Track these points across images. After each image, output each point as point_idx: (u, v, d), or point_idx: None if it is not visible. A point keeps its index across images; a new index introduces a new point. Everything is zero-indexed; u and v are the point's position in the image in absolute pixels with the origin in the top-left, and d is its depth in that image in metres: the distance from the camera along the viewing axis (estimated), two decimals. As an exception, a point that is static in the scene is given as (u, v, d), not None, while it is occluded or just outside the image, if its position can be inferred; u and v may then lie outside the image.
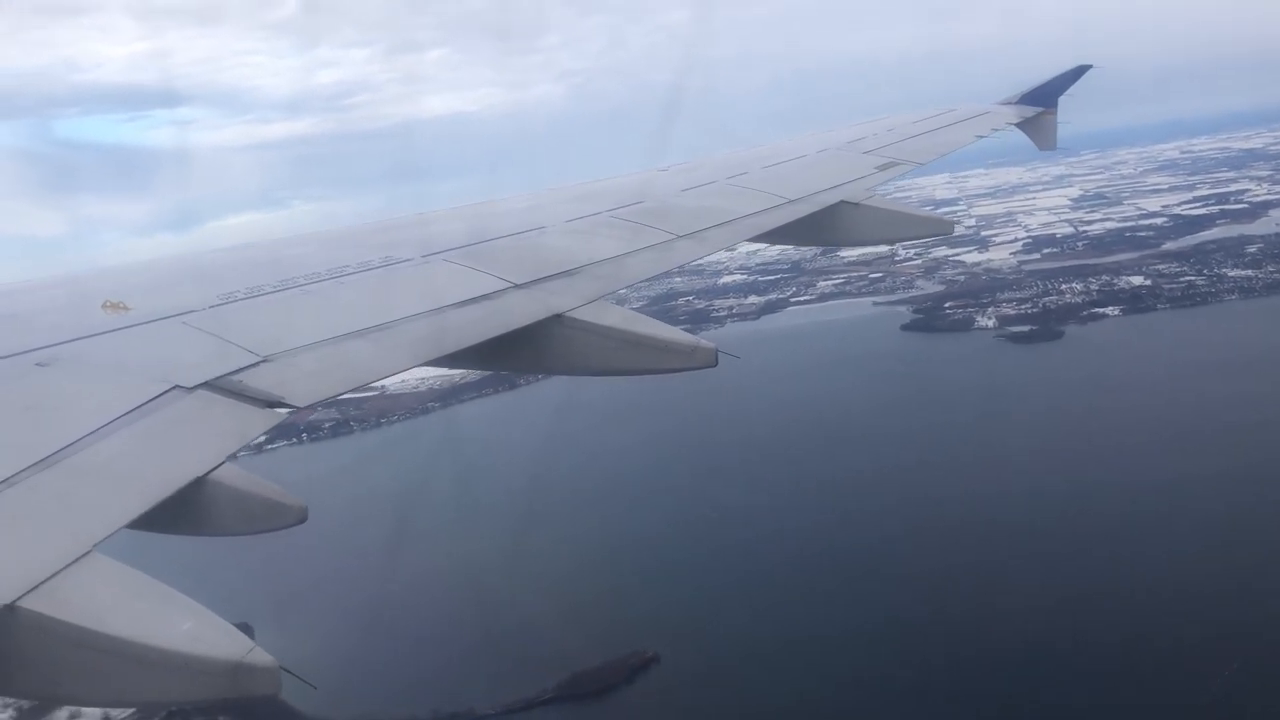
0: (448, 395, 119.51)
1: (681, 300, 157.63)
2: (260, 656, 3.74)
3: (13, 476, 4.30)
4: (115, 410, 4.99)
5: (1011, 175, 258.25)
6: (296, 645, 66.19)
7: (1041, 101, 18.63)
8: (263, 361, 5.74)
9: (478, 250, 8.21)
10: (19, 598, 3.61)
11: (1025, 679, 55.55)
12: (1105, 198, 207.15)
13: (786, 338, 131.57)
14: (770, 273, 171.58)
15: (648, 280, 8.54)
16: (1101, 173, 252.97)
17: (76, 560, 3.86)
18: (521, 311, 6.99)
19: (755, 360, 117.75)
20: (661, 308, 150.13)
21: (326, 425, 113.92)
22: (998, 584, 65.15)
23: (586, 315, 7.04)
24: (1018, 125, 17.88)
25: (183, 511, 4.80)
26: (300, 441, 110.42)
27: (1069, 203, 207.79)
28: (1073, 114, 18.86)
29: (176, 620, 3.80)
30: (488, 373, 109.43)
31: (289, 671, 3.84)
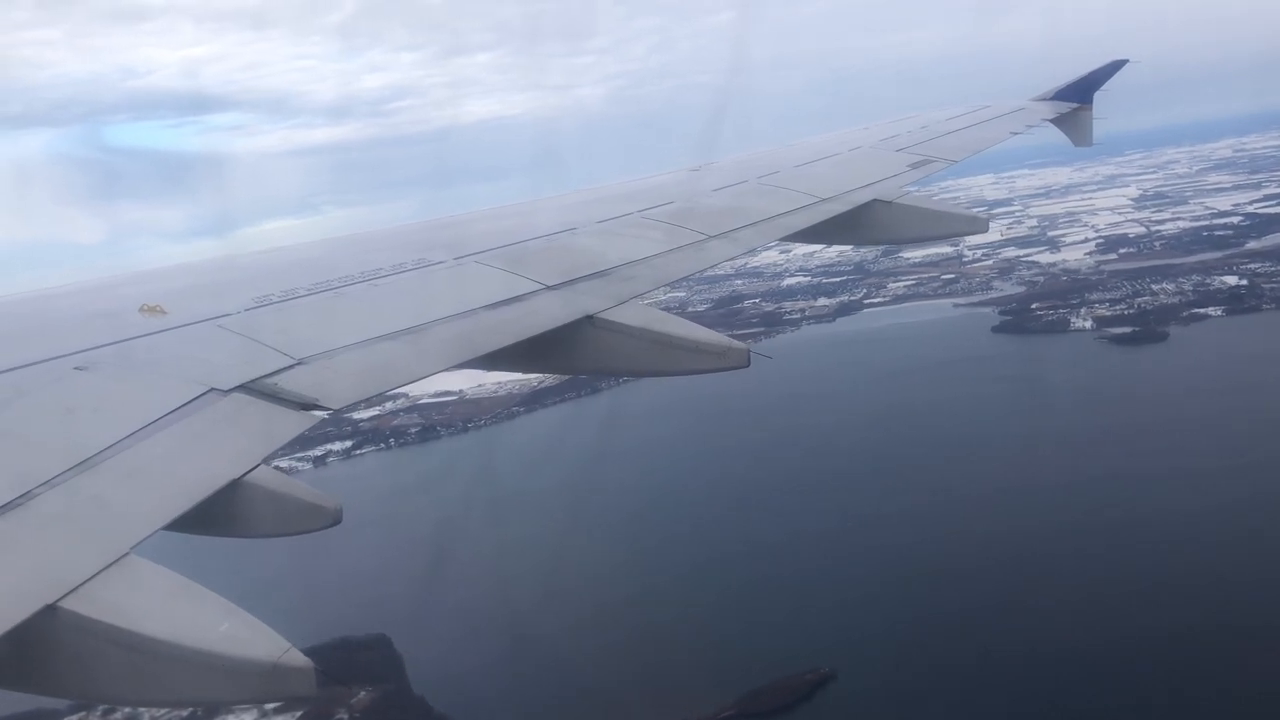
0: (530, 400, 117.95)
1: (748, 303, 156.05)
2: (295, 658, 3.77)
3: (53, 479, 4.35)
4: (153, 413, 5.05)
5: (1059, 175, 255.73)
6: (450, 658, 65.74)
7: (1077, 97, 18.37)
8: (297, 364, 5.77)
9: (509, 252, 8.23)
10: (59, 599, 3.66)
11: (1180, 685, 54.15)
12: (1167, 197, 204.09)
13: (874, 341, 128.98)
14: (833, 274, 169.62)
15: (679, 280, 8.52)
16: (1154, 172, 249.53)
17: (115, 562, 3.91)
18: (553, 313, 7.01)
19: (855, 364, 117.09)
20: (728, 310, 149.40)
21: (412, 430, 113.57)
22: (1169, 594, 63.08)
23: (618, 316, 7.04)
24: (1053, 121, 17.66)
25: (219, 513, 4.85)
26: (388, 447, 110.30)
27: (1130, 202, 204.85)
28: (1109, 114, 18.60)
29: (213, 621, 3.84)
30: (566, 377, 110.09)
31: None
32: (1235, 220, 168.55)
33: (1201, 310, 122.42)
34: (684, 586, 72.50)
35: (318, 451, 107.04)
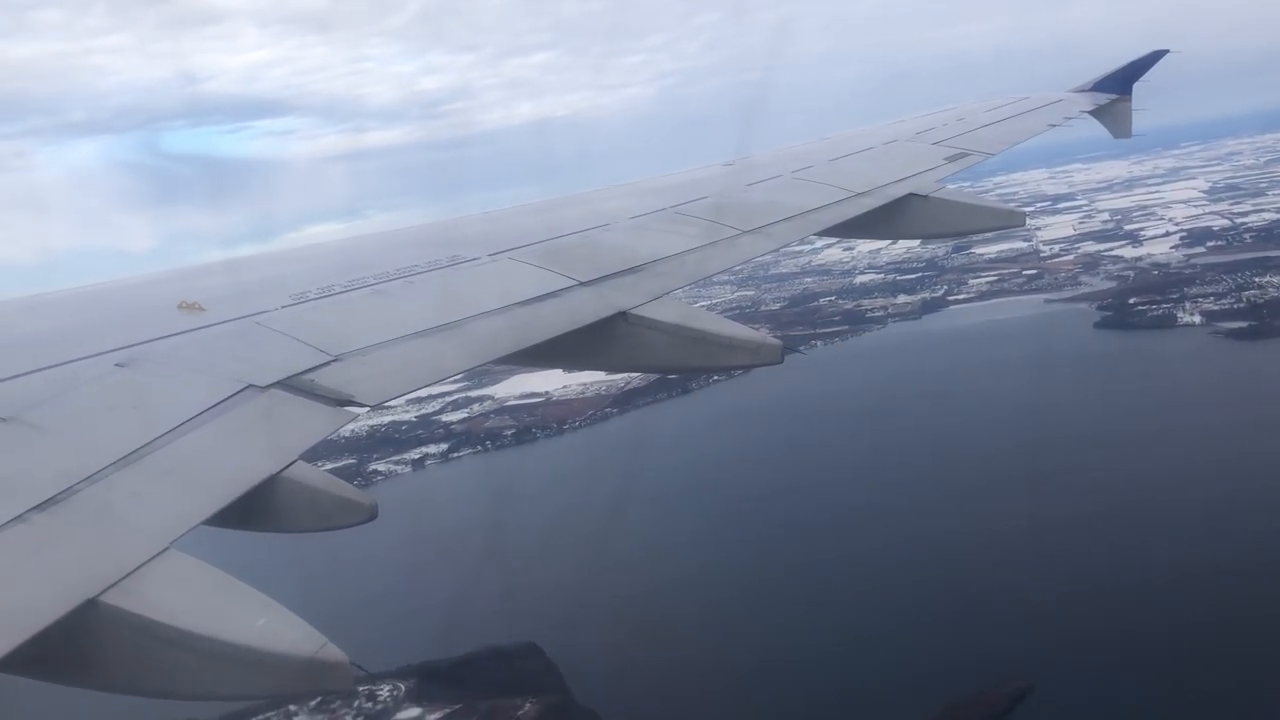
0: (621, 400, 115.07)
1: (824, 301, 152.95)
2: (332, 652, 3.81)
3: (95, 474, 4.42)
4: (192, 409, 5.11)
5: (1117, 169, 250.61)
6: (611, 668, 62.88)
7: (1115, 88, 18.13)
8: (334, 361, 5.82)
9: (543, 248, 8.25)
10: (101, 593, 3.71)
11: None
12: (1241, 189, 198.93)
13: (974, 338, 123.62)
14: (906, 271, 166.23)
15: (713, 276, 8.50)
16: (1219, 164, 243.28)
17: (155, 556, 3.96)
18: (586, 309, 7.02)
19: (965, 363, 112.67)
20: (804, 309, 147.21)
21: (507, 433, 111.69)
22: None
23: (651, 312, 7.04)
24: (1091, 113, 17.43)
25: (257, 508, 4.90)
26: (485, 449, 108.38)
27: (1202, 195, 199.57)
28: (1157, 107, 18.30)
29: (251, 616, 3.89)
30: (654, 377, 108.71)
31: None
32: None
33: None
34: (850, 590, 68.85)
35: (414, 455, 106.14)
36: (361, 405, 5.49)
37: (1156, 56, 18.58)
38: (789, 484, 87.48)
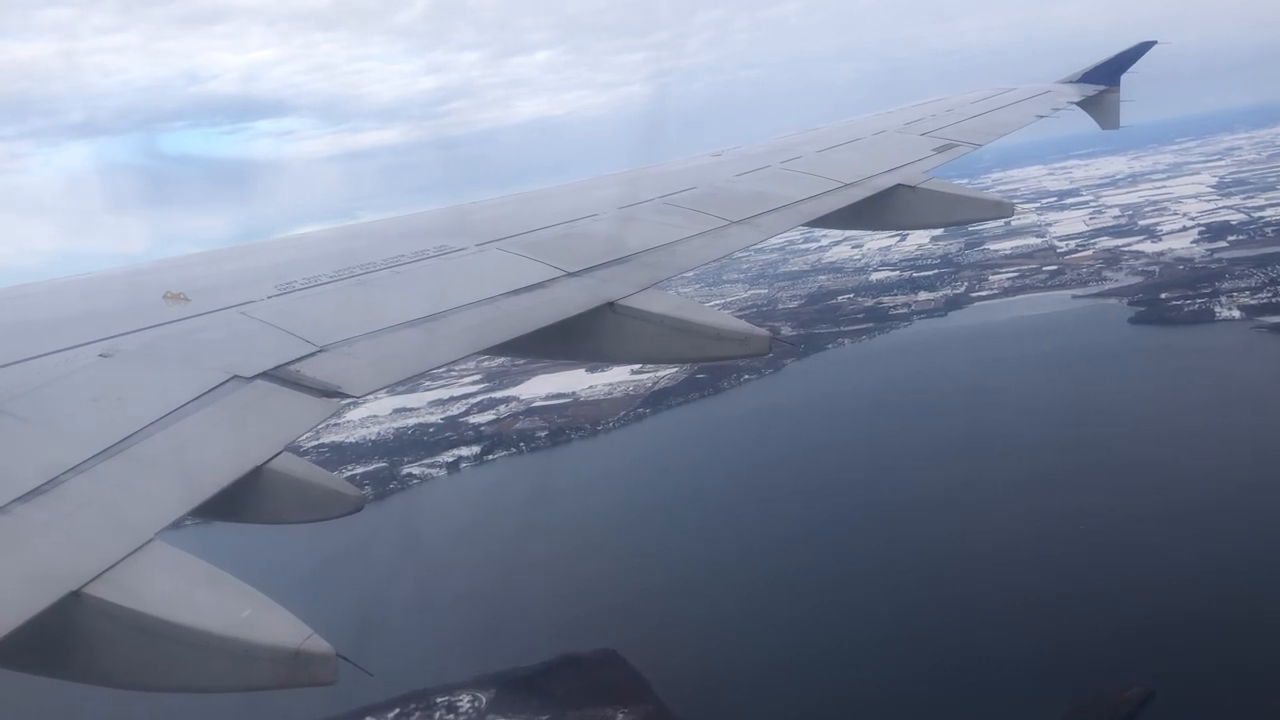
0: (652, 400, 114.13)
1: (843, 298, 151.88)
2: (317, 644, 3.79)
3: (79, 465, 4.39)
4: (176, 400, 5.08)
5: (1117, 164, 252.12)
6: (702, 677, 60.33)
7: (1103, 79, 18.16)
8: (320, 351, 5.79)
9: (530, 239, 8.22)
10: (84, 585, 3.69)
11: None
12: (1250, 183, 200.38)
13: (1008, 334, 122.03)
14: (920, 268, 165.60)
15: (701, 267, 8.48)
16: (1219, 158, 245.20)
17: (139, 548, 3.94)
18: (574, 300, 7.00)
19: (1007, 359, 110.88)
20: (823, 307, 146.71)
21: (540, 434, 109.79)
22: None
23: (638, 303, 7.02)
24: (1079, 104, 17.46)
25: (242, 499, 4.87)
26: (519, 451, 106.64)
27: (1211, 189, 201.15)
28: (1148, 103, 18.35)
29: (235, 607, 3.87)
30: (683, 377, 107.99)
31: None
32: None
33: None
34: (946, 591, 66.67)
35: (448, 457, 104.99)
36: (348, 396, 5.46)
37: (1145, 48, 18.61)
38: (842, 481, 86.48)
